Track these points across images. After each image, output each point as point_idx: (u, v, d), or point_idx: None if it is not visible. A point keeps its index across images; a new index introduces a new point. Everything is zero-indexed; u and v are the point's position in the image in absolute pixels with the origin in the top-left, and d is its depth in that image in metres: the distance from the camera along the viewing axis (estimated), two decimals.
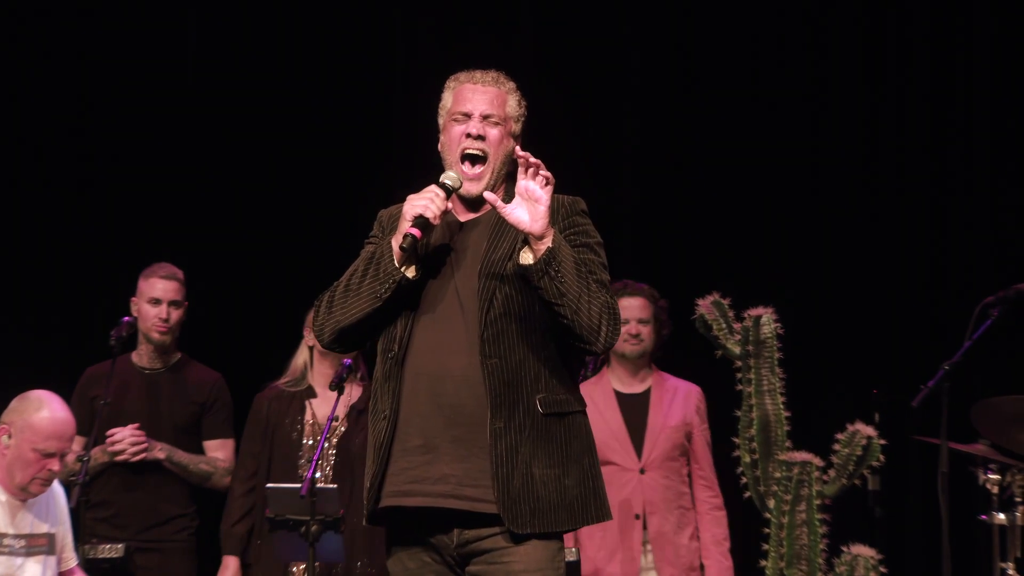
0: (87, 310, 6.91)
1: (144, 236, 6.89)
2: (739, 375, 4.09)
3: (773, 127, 6.89)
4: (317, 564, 5.30)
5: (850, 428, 4.91)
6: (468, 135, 3.73)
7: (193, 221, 7.13)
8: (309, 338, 5.74)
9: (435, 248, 3.72)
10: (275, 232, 7.14)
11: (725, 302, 4.10)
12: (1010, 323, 5.23)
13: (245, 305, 7.09)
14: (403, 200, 3.70)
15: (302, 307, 7.05)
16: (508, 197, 3.69)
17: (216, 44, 7.27)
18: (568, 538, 5.57)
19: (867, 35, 6.90)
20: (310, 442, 5.62)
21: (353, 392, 5.69)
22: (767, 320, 3.99)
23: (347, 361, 5.51)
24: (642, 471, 5.62)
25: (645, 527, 5.59)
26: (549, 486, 3.59)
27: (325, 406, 5.63)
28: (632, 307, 5.56)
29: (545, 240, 3.55)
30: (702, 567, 5.59)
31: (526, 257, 3.58)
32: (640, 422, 5.67)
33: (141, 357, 5.86)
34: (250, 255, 7.13)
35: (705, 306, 4.99)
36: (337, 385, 5.43)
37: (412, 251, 3.64)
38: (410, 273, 3.65)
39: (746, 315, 4.05)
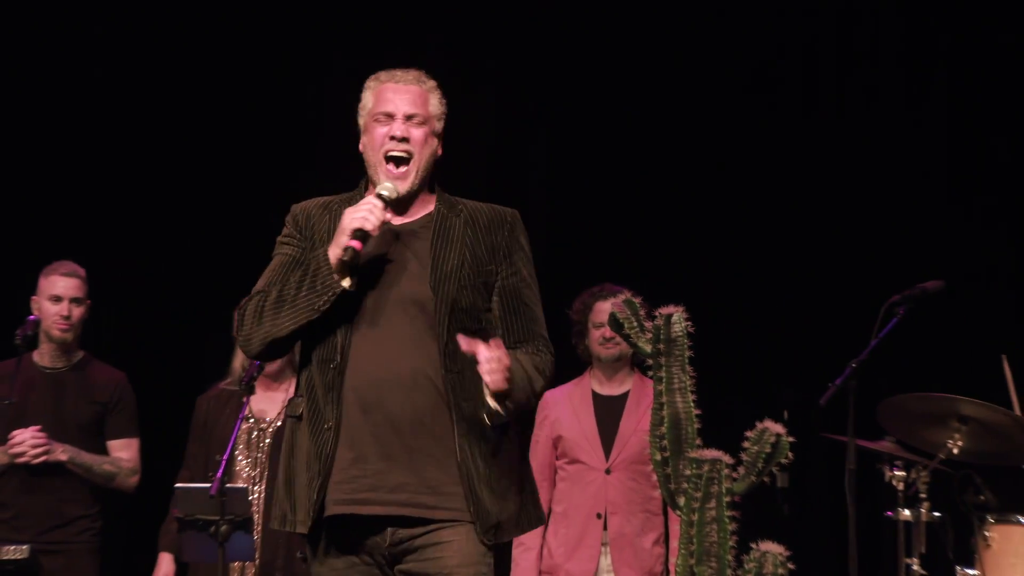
0: None
1: (47, 235, 6.80)
2: (650, 373, 4.10)
3: (680, 124, 6.93)
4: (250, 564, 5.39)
5: (759, 426, 4.95)
6: (392, 137, 3.72)
7: (97, 219, 7.05)
8: None
9: (373, 255, 3.69)
10: (180, 230, 7.08)
11: (637, 300, 4.11)
12: (915, 321, 5.30)
13: (149, 304, 7.02)
14: (316, 195, 3.68)
15: (208, 305, 7.02)
16: (443, 204, 3.77)
17: (125, 42, 7.19)
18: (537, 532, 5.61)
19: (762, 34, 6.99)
20: (246, 438, 5.60)
21: (292, 389, 5.67)
22: (678, 319, 3.99)
23: (257, 362, 5.49)
24: (608, 471, 5.65)
25: (606, 527, 5.63)
26: (508, 497, 3.67)
27: (264, 403, 5.66)
28: (607, 311, 5.52)
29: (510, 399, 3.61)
30: (667, 572, 5.61)
31: (491, 403, 3.61)
32: (613, 424, 5.73)
33: (43, 356, 5.78)
34: (154, 253, 7.06)
35: (617, 305, 5.03)
36: (247, 385, 5.42)
37: (351, 262, 3.62)
38: (347, 284, 3.62)
39: (657, 313, 4.06)
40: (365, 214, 3.60)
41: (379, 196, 3.67)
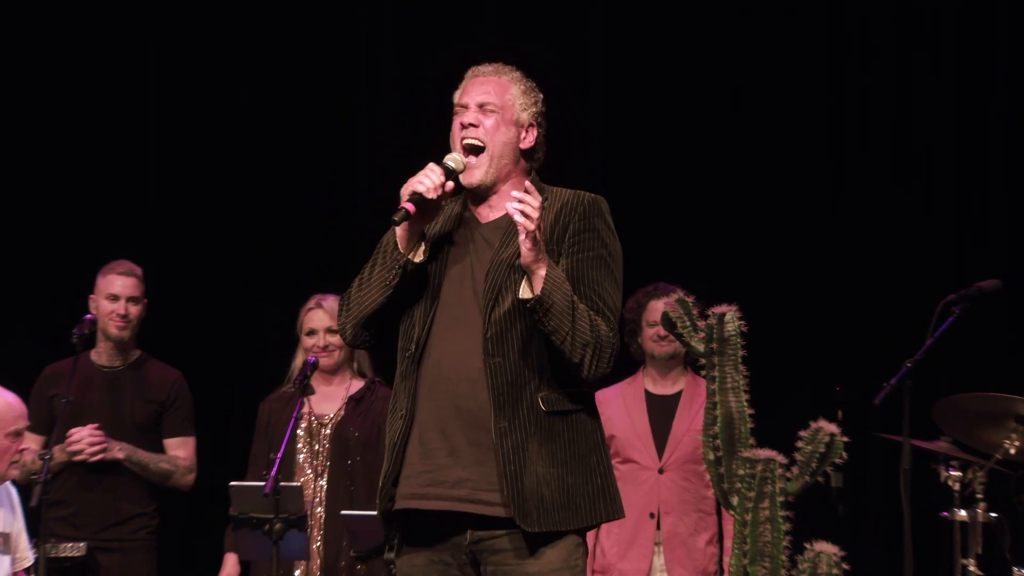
0: (46, 309, 6.87)
1: (105, 234, 6.85)
2: (703, 372, 4.10)
3: (736, 124, 6.90)
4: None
5: (813, 425, 4.94)
6: (463, 124, 3.70)
7: (154, 219, 7.10)
8: (306, 340, 5.74)
9: (455, 248, 3.69)
10: (237, 231, 7.11)
11: (690, 300, 4.11)
12: (972, 321, 5.26)
13: (206, 303, 7.06)
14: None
15: (264, 305, 7.06)
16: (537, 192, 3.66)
17: (175, 42, 7.23)
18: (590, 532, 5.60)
19: (831, 34, 6.94)
20: (306, 434, 5.63)
21: (352, 385, 5.73)
22: (731, 318, 4.00)
23: (311, 359, 5.52)
24: (661, 471, 5.66)
25: (659, 527, 5.63)
26: (552, 485, 3.57)
27: (323, 398, 5.68)
28: (660, 309, 5.52)
29: (536, 277, 3.51)
30: (721, 572, 5.60)
31: (524, 291, 3.55)
32: (666, 423, 5.73)
33: (100, 355, 5.83)
34: (211, 253, 7.10)
35: (669, 304, 5.04)
36: (301, 385, 5.44)
37: (417, 234, 3.62)
38: (417, 258, 3.63)
39: (710, 313, 4.06)
40: (421, 177, 3.58)
41: (443, 165, 3.63)
